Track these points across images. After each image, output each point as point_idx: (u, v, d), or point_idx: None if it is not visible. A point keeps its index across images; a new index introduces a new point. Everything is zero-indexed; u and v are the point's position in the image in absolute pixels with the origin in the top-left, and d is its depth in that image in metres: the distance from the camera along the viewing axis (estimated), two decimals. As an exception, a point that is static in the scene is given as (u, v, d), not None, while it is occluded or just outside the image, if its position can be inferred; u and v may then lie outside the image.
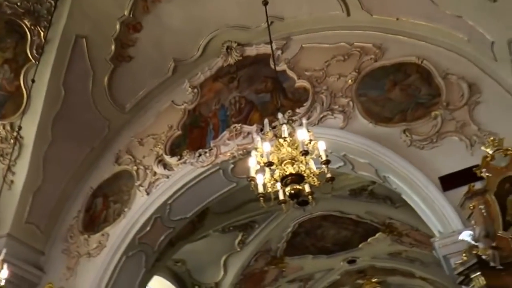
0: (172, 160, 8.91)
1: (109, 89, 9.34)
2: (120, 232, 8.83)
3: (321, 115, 7.91)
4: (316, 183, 5.35)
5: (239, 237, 11.98)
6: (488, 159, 6.51)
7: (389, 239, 12.77)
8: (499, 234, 6.05)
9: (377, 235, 12.72)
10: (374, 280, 15.86)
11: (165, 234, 9.18)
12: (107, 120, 9.68)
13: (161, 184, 8.84)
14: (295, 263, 13.67)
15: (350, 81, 8.03)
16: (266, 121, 6.15)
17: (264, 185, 5.46)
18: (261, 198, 5.36)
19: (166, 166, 8.94)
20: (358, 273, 15.30)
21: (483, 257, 5.80)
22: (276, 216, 11.72)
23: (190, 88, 9.50)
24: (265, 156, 5.39)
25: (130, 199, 9.02)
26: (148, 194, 8.87)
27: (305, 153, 5.27)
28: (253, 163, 5.60)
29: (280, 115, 5.97)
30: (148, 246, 9.06)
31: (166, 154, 9.05)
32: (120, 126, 9.89)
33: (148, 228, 8.82)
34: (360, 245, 13.28)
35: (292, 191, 5.17)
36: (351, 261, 14.19)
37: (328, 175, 5.31)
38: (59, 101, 8.88)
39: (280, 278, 14.04)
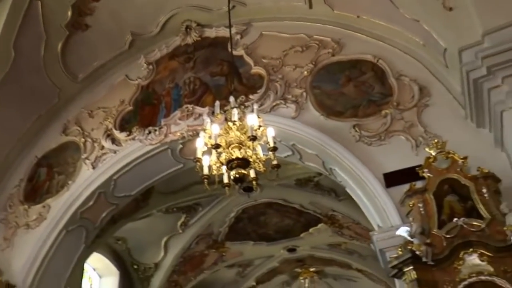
0: (121, 136, 8.78)
1: (62, 57, 9.07)
2: (62, 205, 8.65)
3: (274, 103, 7.98)
4: (261, 169, 5.41)
5: (182, 219, 11.96)
6: (431, 160, 6.78)
7: (330, 230, 13.05)
8: (433, 232, 6.33)
9: (319, 225, 12.97)
10: (312, 269, 16.18)
11: (108, 210, 9.06)
12: (58, 88, 9.43)
13: (108, 158, 8.71)
14: (236, 248, 13.77)
15: (306, 72, 8.13)
16: (217, 103, 6.16)
17: (210, 167, 5.49)
18: (206, 180, 5.39)
19: (114, 141, 8.81)
20: (297, 262, 15.58)
21: (417, 252, 6.06)
22: (221, 200, 11.76)
23: (145, 64, 9.37)
24: (213, 138, 5.41)
25: (75, 172, 8.84)
26: (94, 168, 8.72)
27: (253, 138, 5.33)
28: (200, 144, 5.62)
29: (231, 99, 6.01)
30: (89, 221, 8.92)
31: (116, 129, 8.91)
32: (70, 95, 9.65)
33: (91, 203, 8.67)
34: (301, 235, 13.51)
35: (237, 175, 5.22)
36: (291, 250, 14.43)
37: (274, 162, 5.39)
38: (8, 63, 8.55)
39: (220, 263, 14.13)
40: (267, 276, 16.10)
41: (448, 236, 6.27)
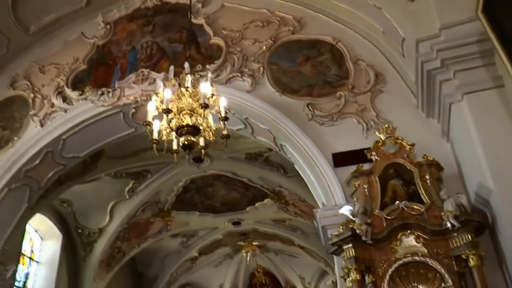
0: (72, 94, 8.58)
1: (13, 5, 8.72)
2: (6, 161, 8.41)
3: (230, 76, 8.01)
4: (211, 138, 5.42)
5: (130, 185, 11.84)
6: (379, 144, 7.00)
7: (275, 206, 13.24)
8: (375, 213, 6.57)
9: (265, 201, 13.13)
10: (255, 243, 16.42)
11: (55, 170, 8.86)
12: (7, 39, 9.11)
13: (58, 117, 8.50)
14: (181, 218, 13.78)
15: (264, 47, 8.17)
16: (171, 68, 6.12)
17: (159, 132, 5.45)
18: (154, 145, 5.34)
19: (65, 99, 8.60)
20: (240, 235, 15.76)
21: (357, 231, 6.30)
22: (170, 169, 11.71)
23: (103, 23, 9.16)
24: (164, 103, 5.37)
25: (21, 128, 8.59)
26: (42, 125, 8.49)
27: (205, 106, 5.33)
28: (151, 107, 5.57)
29: (186, 65, 5.97)
30: (34, 180, 8.70)
31: (67, 87, 8.69)
32: (21, 47, 9.33)
33: (37, 162, 8.46)
34: (247, 209, 13.64)
35: (186, 142, 5.20)
36: (236, 223, 14.57)
37: (224, 132, 5.41)
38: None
39: (164, 232, 14.10)
40: (211, 247, 16.24)
41: (388, 217, 6.53)
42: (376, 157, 6.96)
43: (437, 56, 6.07)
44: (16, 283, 10.57)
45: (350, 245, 6.32)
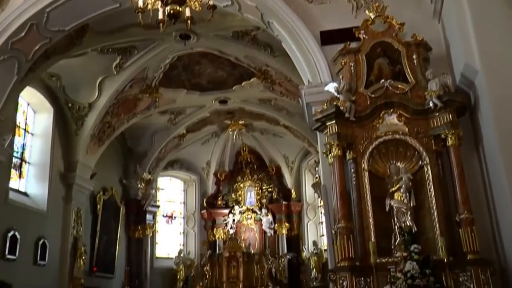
0: (55, -35, 8.25)
1: None
2: (-9, 33, 8.30)
3: (219, -52, 7.68)
4: (197, 9, 5.34)
5: (117, 61, 11.73)
6: (369, 22, 7.02)
7: (262, 85, 13.31)
8: (360, 91, 6.76)
9: (251, 80, 13.16)
10: (241, 122, 16.68)
11: (41, 43, 8.79)
12: None
13: (41, -11, 8.25)
14: (169, 95, 13.86)
15: None
16: None
17: (145, 1, 5.33)
18: (140, 14, 5.22)
19: (48, -29, 8.28)
20: (227, 114, 15.96)
21: (341, 108, 6.52)
22: (156, 46, 11.55)
23: None
24: (150, -28, 5.22)
25: (4, 0, 8.35)
26: (24, -1, 8.27)
27: (191, -24, 5.19)
28: (137, -24, 5.40)
29: None
30: (21, 52, 8.68)
31: (49, -42, 8.33)
32: None
33: (22, 34, 8.39)
34: (233, 87, 13.69)
35: (172, 11, 5.12)
36: (223, 101, 14.70)
37: (211, 3, 5.33)
38: None
39: (152, 108, 14.23)
40: (198, 125, 16.49)
41: (372, 95, 6.75)
42: (364, 36, 7.00)
43: None
44: (15, 154, 10.91)
45: (333, 121, 6.57)
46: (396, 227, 6.35)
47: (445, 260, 5.83)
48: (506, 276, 5.93)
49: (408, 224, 6.24)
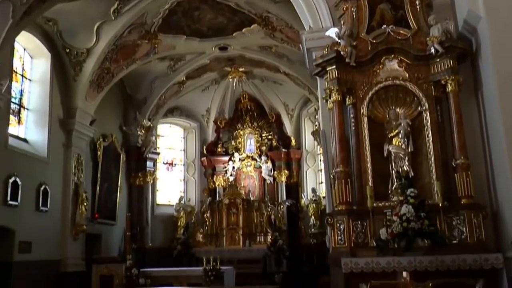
0: None
1: None
2: (-16, -26, 8.13)
3: None
4: None
5: (115, 5, 11.48)
6: (372, -34, 6.86)
7: (262, 32, 13.13)
8: (361, 36, 6.72)
9: (252, 26, 12.96)
10: (241, 69, 16.57)
11: (36, -14, 8.64)
12: None
13: None
14: (168, 41, 13.69)
15: None
16: None
17: None
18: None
19: None
20: (227, 61, 15.81)
21: (342, 53, 6.49)
22: (155, -10, 11.39)
23: None
24: None
25: None
26: None
27: None
28: None
29: None
30: (15, -5, 8.53)
31: None
32: None
33: (15, -25, 8.22)
34: (234, 34, 13.51)
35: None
36: (223, 48, 14.54)
37: None
38: None
39: (152, 54, 14.07)
40: (197, 72, 16.36)
41: (374, 41, 6.71)
42: (367, -20, 6.88)
43: None
44: (13, 100, 10.87)
45: (334, 66, 6.55)
46: (393, 172, 6.44)
47: (440, 205, 5.95)
48: (498, 220, 6.07)
49: (406, 169, 6.34)
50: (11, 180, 9.91)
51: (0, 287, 7.91)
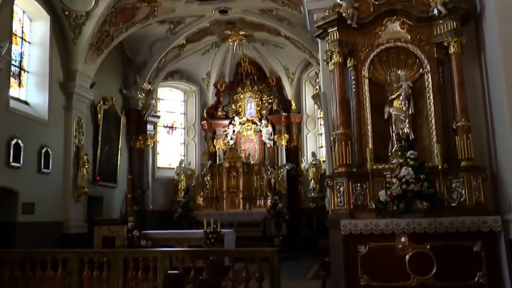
0: None
1: None
2: None
3: None
4: None
5: (114, -33, 11.39)
6: None
7: (263, -5, 13.02)
8: (362, -4, 6.59)
9: (252, -12, 12.86)
10: (241, 32, 16.41)
11: None
12: None
13: None
14: (168, 4, 13.52)
15: None
16: None
17: None
18: None
19: None
20: (227, 24, 15.67)
21: (343, 14, 6.41)
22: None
23: None
24: None
25: None
26: None
27: None
28: None
29: None
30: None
31: None
32: None
33: None
34: (234, -5, 13.40)
35: None
36: (223, 11, 14.38)
37: None
38: None
39: (151, 17, 13.92)
40: (197, 35, 16.22)
41: (376, 2, 6.61)
42: None
43: None
44: (13, 62, 10.82)
45: (335, 28, 6.49)
46: (393, 134, 6.45)
47: (440, 167, 5.97)
48: (497, 182, 6.11)
49: (406, 131, 6.34)
50: (13, 142, 10.00)
51: (3, 248, 8.04)
